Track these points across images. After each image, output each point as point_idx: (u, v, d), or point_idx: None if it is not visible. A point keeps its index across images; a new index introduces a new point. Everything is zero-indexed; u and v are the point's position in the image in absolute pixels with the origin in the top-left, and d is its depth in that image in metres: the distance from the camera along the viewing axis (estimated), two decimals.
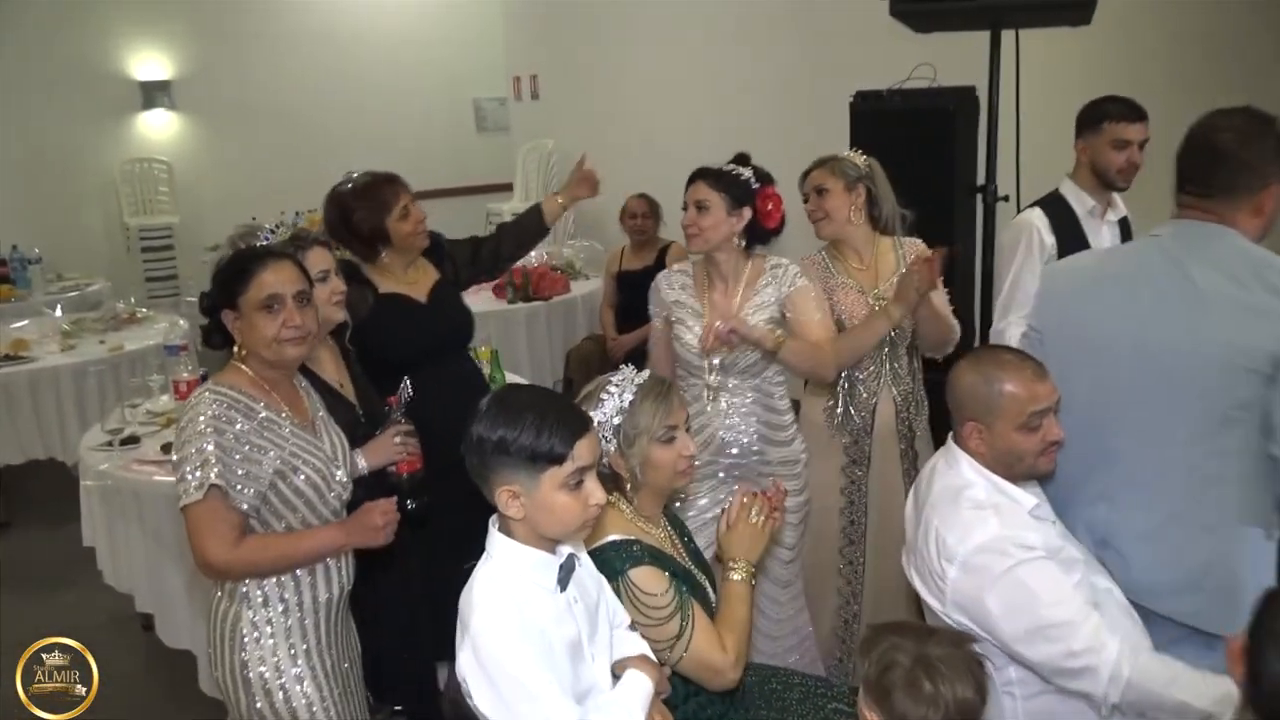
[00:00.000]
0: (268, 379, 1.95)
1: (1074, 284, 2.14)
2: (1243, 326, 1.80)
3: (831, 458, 2.83)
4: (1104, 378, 1.97)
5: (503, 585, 1.54)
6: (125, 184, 8.05)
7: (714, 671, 1.83)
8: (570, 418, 1.56)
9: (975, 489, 1.88)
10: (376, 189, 2.68)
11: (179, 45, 8.18)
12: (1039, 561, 1.78)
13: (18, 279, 5.88)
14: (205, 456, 1.79)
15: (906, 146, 3.36)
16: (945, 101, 3.35)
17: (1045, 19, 3.37)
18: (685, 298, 2.70)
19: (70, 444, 4.21)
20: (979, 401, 1.86)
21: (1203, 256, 1.88)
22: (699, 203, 2.59)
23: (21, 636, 2.07)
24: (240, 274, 1.91)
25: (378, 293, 2.70)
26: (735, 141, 5.63)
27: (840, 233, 2.80)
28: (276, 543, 1.88)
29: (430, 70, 8.87)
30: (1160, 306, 1.90)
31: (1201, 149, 1.92)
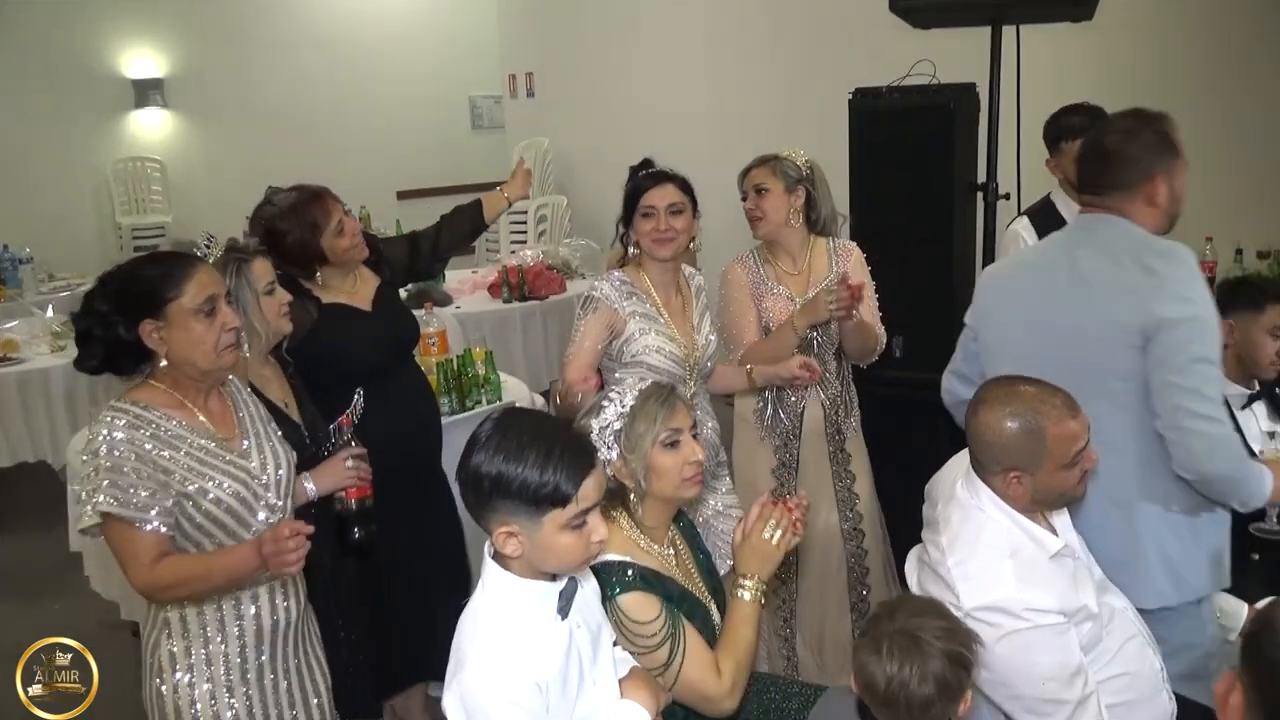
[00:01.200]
0: (187, 393, 1.81)
1: (996, 279, 2.29)
2: (1116, 302, 1.93)
3: (761, 458, 2.85)
4: (1018, 360, 2.06)
5: (500, 628, 1.47)
6: (118, 183, 8.01)
7: (706, 700, 1.77)
8: (576, 453, 1.46)
9: (997, 530, 1.80)
10: (305, 208, 2.49)
11: (172, 43, 8.14)
12: (1050, 630, 1.72)
13: (8, 278, 5.84)
14: (96, 482, 1.68)
15: (906, 144, 3.33)
16: (945, 99, 3.31)
17: (1046, 15, 3.34)
18: (642, 308, 2.58)
19: (60, 446, 4.17)
20: (1022, 451, 1.76)
21: (1090, 242, 2.03)
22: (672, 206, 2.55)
23: (12, 641, 2.03)
24: (169, 278, 1.75)
25: (320, 304, 2.55)
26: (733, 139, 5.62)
27: (776, 234, 2.80)
28: (190, 563, 1.75)
29: (425, 68, 8.83)
30: (1051, 289, 2.05)
31: (1094, 151, 2.07)
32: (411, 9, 8.87)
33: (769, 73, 5.51)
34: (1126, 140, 2.01)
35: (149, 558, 1.70)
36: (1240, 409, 2.45)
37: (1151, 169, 2.00)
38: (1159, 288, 1.90)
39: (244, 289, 2.14)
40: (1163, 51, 4.22)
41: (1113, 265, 1.97)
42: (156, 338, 1.75)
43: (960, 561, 1.79)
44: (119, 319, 1.75)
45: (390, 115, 8.59)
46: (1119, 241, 1.98)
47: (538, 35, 7.54)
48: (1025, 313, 2.11)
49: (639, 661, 1.72)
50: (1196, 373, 1.86)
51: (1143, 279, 1.92)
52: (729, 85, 5.76)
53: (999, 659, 1.70)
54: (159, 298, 1.75)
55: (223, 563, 1.76)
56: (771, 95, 5.45)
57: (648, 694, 1.63)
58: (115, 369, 1.80)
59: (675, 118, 6.07)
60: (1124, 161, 2.00)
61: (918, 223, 3.35)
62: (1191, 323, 1.88)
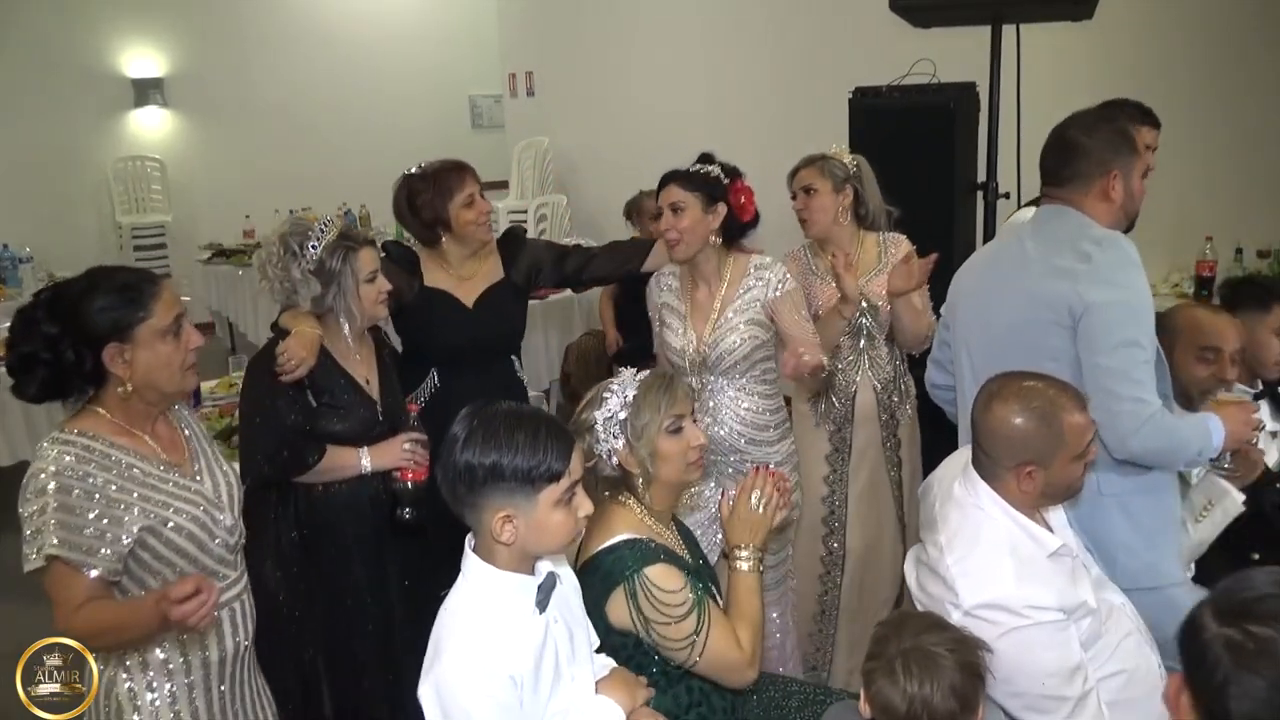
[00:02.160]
0: (134, 419, 1.70)
1: (964, 269, 2.38)
2: (1046, 281, 2.02)
3: (817, 447, 2.88)
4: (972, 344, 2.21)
5: (477, 621, 1.49)
6: (117, 182, 7.99)
7: (731, 669, 1.80)
8: (560, 431, 1.53)
9: (996, 528, 1.80)
10: (445, 174, 2.66)
11: (172, 42, 8.12)
12: (1050, 627, 1.72)
13: (8, 278, 5.83)
14: (43, 520, 1.57)
15: (906, 143, 3.33)
16: (945, 98, 3.32)
17: (1047, 13, 3.34)
18: (671, 299, 2.70)
19: None
20: (1040, 443, 1.76)
21: (1039, 231, 2.12)
22: (674, 205, 2.56)
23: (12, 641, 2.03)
24: (137, 298, 1.65)
25: (423, 283, 2.68)
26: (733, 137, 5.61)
27: (826, 232, 2.85)
28: (106, 614, 1.63)
29: (425, 67, 8.82)
30: (999, 275, 2.17)
31: (1055, 143, 2.11)
32: (411, 8, 8.86)
33: (769, 72, 5.50)
34: (1086, 134, 2.06)
35: (77, 602, 1.60)
36: None
37: (1108, 165, 2.04)
38: (1091, 272, 1.96)
39: (347, 275, 2.26)
40: (1163, 50, 4.21)
41: (1052, 251, 2.05)
42: (122, 362, 1.64)
43: (959, 559, 1.79)
44: (73, 342, 1.62)
45: (390, 114, 8.58)
46: (1063, 230, 2.06)
47: (538, 34, 7.53)
48: (978, 299, 2.22)
49: (666, 634, 1.74)
50: (1123, 355, 1.91)
51: (1076, 263, 1.99)
52: (729, 84, 5.75)
53: (999, 656, 1.70)
54: (127, 319, 1.64)
55: (132, 617, 1.63)
56: (771, 94, 5.45)
57: (623, 693, 1.64)
58: (58, 395, 1.67)
59: (675, 117, 6.06)
60: (1081, 154, 2.05)
61: (918, 222, 3.34)
62: (1120, 306, 1.94)
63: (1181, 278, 4.32)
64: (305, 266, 2.23)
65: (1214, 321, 2.25)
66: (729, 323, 2.58)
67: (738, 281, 2.62)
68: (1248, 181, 4.28)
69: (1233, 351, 2.23)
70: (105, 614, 1.63)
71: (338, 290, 2.26)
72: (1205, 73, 4.17)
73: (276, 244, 2.26)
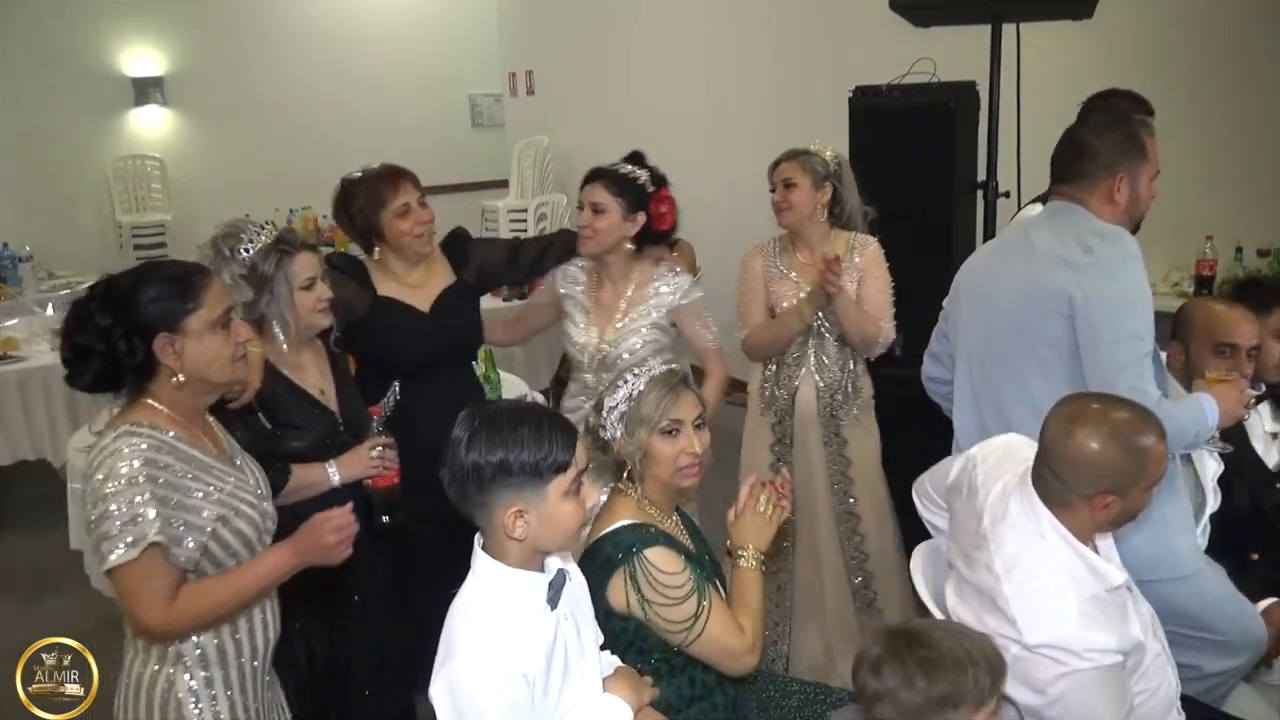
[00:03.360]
0: (185, 413, 1.70)
1: (968, 263, 2.42)
2: (1049, 271, 2.06)
3: (761, 436, 2.97)
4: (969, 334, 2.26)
5: (489, 618, 1.49)
6: (117, 181, 7.99)
7: (731, 655, 1.80)
8: (562, 422, 1.54)
9: (1059, 560, 1.72)
10: (378, 181, 2.54)
11: (172, 41, 8.12)
12: (1109, 670, 1.66)
13: (8, 277, 5.84)
14: (141, 510, 1.55)
15: (906, 142, 3.33)
16: (945, 97, 3.31)
17: (1047, 12, 3.34)
18: (575, 292, 2.75)
19: (60, 445, 4.17)
20: (1123, 473, 1.68)
21: (1046, 225, 2.16)
22: (595, 205, 2.61)
23: (12, 641, 2.03)
24: (189, 289, 1.66)
25: (374, 294, 2.57)
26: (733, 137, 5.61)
27: (800, 226, 2.88)
28: (220, 584, 1.64)
29: (425, 66, 8.81)
30: (1003, 266, 2.21)
31: (1066, 143, 2.16)
32: (411, 7, 8.86)
33: (769, 71, 5.50)
34: (1096, 136, 2.11)
35: (169, 591, 1.59)
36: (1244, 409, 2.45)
37: (1115, 167, 2.08)
38: (1093, 264, 2.01)
39: (280, 280, 2.15)
40: (1163, 49, 4.21)
41: (1058, 244, 2.09)
42: (172, 352, 1.65)
43: (1019, 591, 1.70)
44: (125, 333, 1.63)
45: (390, 113, 8.57)
46: (1069, 225, 2.10)
47: (538, 33, 7.53)
48: (981, 290, 2.26)
49: (666, 615, 1.74)
50: (1125, 347, 1.95)
51: (1080, 255, 2.03)
52: (729, 83, 5.75)
53: (1055, 695, 1.65)
54: (178, 310, 1.65)
55: (257, 573, 1.68)
56: (771, 93, 5.44)
57: (630, 691, 1.64)
58: (111, 386, 1.69)
59: (675, 115, 6.06)
60: (1089, 155, 2.09)
61: (918, 221, 3.34)
62: (1121, 298, 1.98)
63: (1181, 276, 4.31)
64: (236, 270, 2.12)
65: (1230, 316, 2.28)
66: (632, 325, 2.66)
67: (645, 285, 2.69)
68: (1248, 180, 4.27)
69: (1248, 347, 2.26)
70: (212, 586, 1.64)
71: (271, 296, 2.14)
72: (1205, 71, 4.16)
73: (209, 247, 2.16)
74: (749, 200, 5.58)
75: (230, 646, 1.73)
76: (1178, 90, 3.44)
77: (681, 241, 4.72)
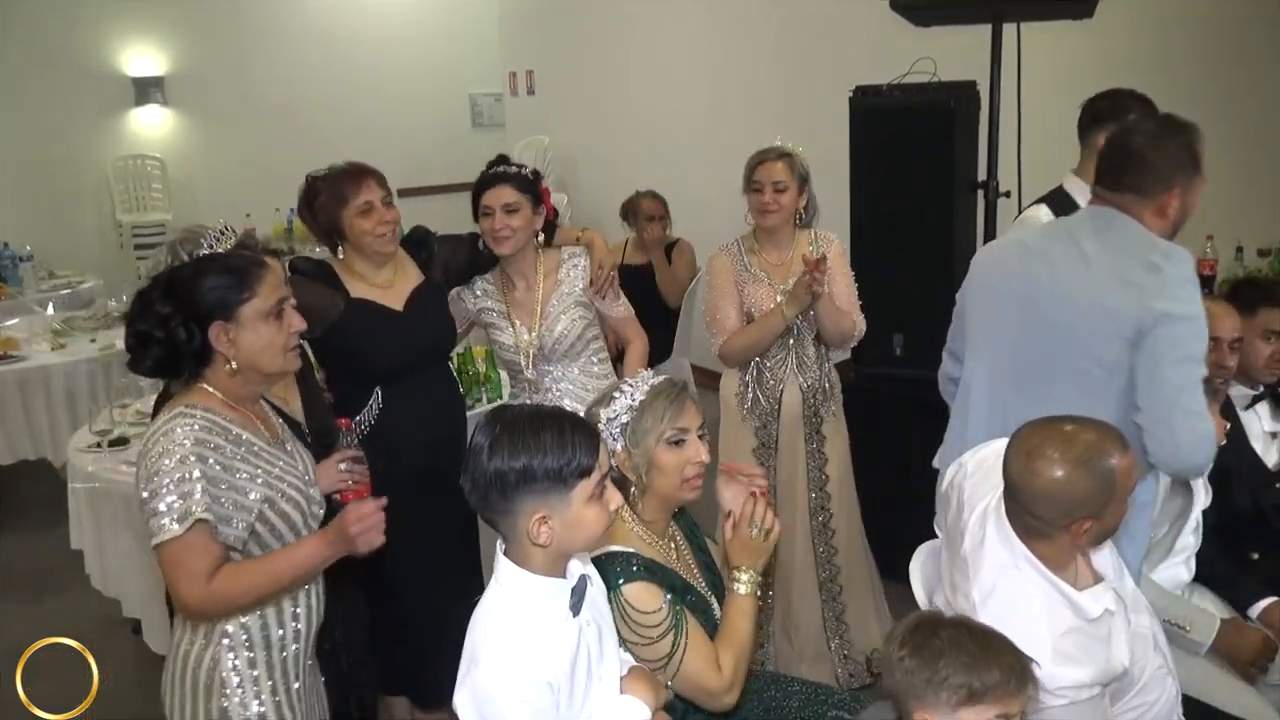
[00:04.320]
0: (239, 399, 1.76)
1: (989, 254, 2.33)
2: (1115, 293, 1.96)
3: (742, 439, 2.96)
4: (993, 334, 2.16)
5: (513, 626, 1.48)
6: (118, 181, 7.99)
7: (707, 694, 1.77)
8: (585, 426, 1.53)
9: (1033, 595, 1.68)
10: (341, 178, 2.50)
11: (172, 41, 8.12)
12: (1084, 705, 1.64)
13: (9, 277, 5.83)
14: (189, 486, 1.60)
15: (906, 142, 3.33)
16: (946, 97, 3.31)
17: (1047, 12, 3.34)
18: (488, 302, 2.77)
19: (61, 444, 4.17)
20: (1095, 498, 1.66)
21: (1097, 234, 2.05)
22: (507, 206, 2.62)
23: (12, 641, 2.03)
24: (243, 279, 1.72)
25: (348, 298, 2.51)
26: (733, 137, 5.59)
27: (782, 228, 2.90)
28: (256, 568, 1.68)
29: (426, 66, 8.81)
30: (1047, 271, 2.08)
31: (1118, 149, 2.06)
32: (412, 7, 8.86)
33: (769, 71, 5.50)
34: (1152, 146, 2.01)
35: (211, 569, 1.63)
36: (1244, 409, 2.45)
37: (1172, 181, 2.00)
38: (1161, 285, 1.93)
39: None
40: (1164, 48, 4.20)
41: (1116, 259, 1.99)
42: (226, 340, 1.70)
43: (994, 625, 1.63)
44: (184, 321, 1.69)
45: (390, 113, 8.57)
46: (1125, 237, 2.01)
47: (538, 33, 7.53)
48: (1012, 289, 2.13)
49: (641, 654, 1.72)
50: (1185, 370, 1.91)
51: (1145, 275, 1.94)
52: (729, 83, 5.75)
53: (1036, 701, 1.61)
54: (233, 298, 1.70)
55: (291, 561, 1.71)
56: (772, 93, 5.44)
57: (647, 690, 1.63)
58: (171, 372, 1.75)
59: (676, 115, 6.06)
60: (1148, 167, 2.00)
61: (918, 220, 3.34)
62: (1189, 321, 1.93)
63: None
64: None
65: (1211, 310, 2.26)
66: (555, 311, 2.69)
67: (554, 272, 2.74)
68: (1248, 180, 4.27)
69: (1230, 340, 2.25)
70: (251, 568, 1.68)
71: None
72: (1206, 71, 4.16)
73: (165, 253, 2.10)
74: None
75: (275, 629, 1.77)
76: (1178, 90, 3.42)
77: (681, 241, 4.73)
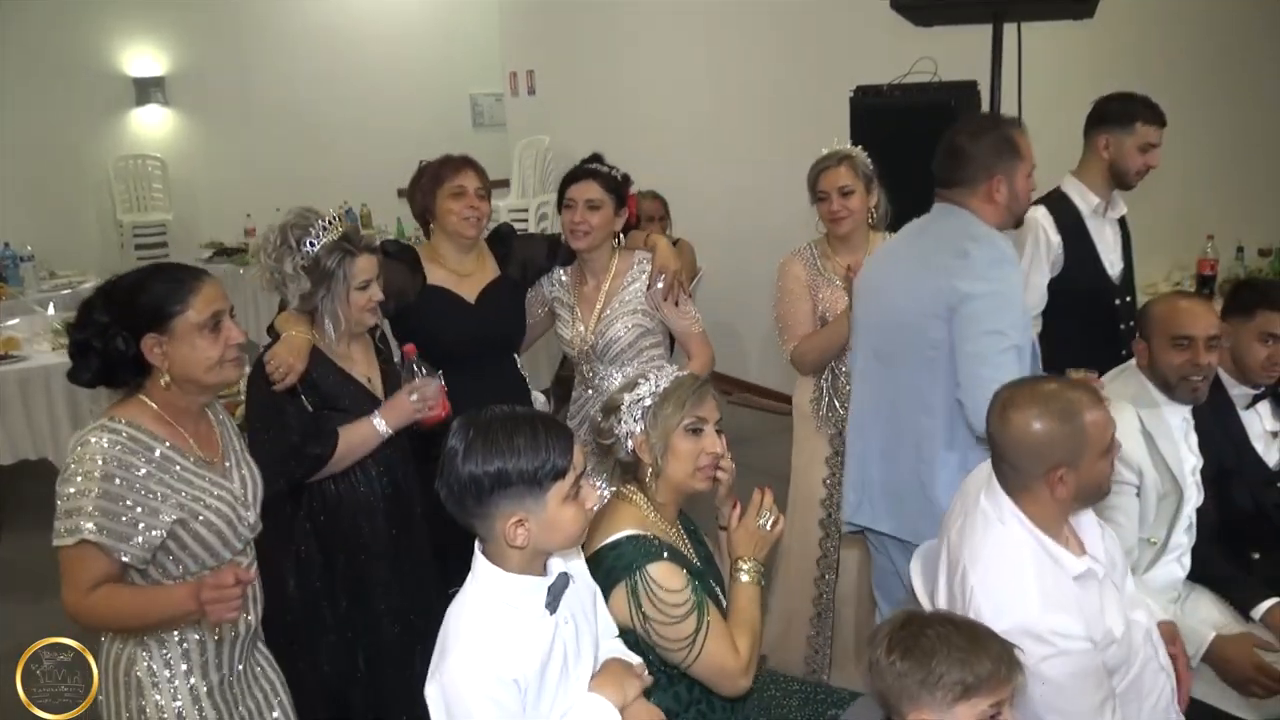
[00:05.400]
0: (176, 413, 1.76)
1: (869, 261, 2.55)
2: (932, 279, 2.18)
3: (816, 447, 2.92)
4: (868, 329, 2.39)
5: (485, 622, 1.49)
6: (119, 181, 8.00)
7: (726, 675, 1.79)
8: (557, 426, 1.52)
9: (1020, 547, 1.75)
10: (444, 164, 2.70)
11: (173, 41, 8.13)
12: (1080, 656, 1.67)
13: (10, 276, 5.83)
14: (83, 504, 1.62)
15: (907, 142, 3.30)
16: (946, 96, 3.30)
17: (1048, 12, 3.33)
18: (561, 294, 2.84)
19: (61, 444, 4.17)
20: (1064, 445, 1.71)
21: (929, 229, 2.31)
22: (590, 202, 2.68)
23: (12, 641, 2.03)
24: (175, 291, 1.72)
25: (425, 282, 2.66)
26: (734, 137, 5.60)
27: (856, 231, 2.87)
28: (128, 599, 1.69)
29: (426, 66, 8.83)
30: (895, 268, 2.35)
31: (946, 148, 2.27)
32: (413, 7, 8.87)
33: (769, 71, 5.50)
34: (971, 141, 2.22)
35: (92, 584, 1.65)
36: (1244, 409, 2.45)
37: (992, 169, 2.19)
38: (966, 268, 2.13)
39: (339, 279, 2.22)
40: (1165, 48, 4.20)
41: (936, 248, 2.22)
42: (159, 352, 1.71)
43: (982, 579, 1.73)
44: (120, 332, 1.69)
45: (391, 113, 8.58)
46: (948, 229, 2.23)
47: (539, 33, 7.53)
48: (875, 286, 2.39)
49: (665, 634, 1.74)
50: (985, 342, 2.07)
51: (954, 260, 2.15)
52: (730, 83, 5.75)
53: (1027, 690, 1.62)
54: (164, 311, 1.70)
55: (159, 604, 1.71)
56: (772, 93, 5.44)
57: (614, 688, 1.60)
58: (110, 382, 1.75)
59: (676, 115, 6.06)
60: (969, 159, 2.21)
61: None
62: (990, 298, 2.10)
63: (1183, 276, 4.31)
64: (299, 262, 2.19)
65: (1185, 308, 2.29)
66: (614, 313, 2.74)
67: (622, 275, 2.77)
68: (1249, 180, 4.27)
69: (1205, 337, 2.24)
70: (126, 597, 1.69)
71: (326, 292, 2.22)
72: (1207, 71, 4.16)
73: (276, 233, 2.23)
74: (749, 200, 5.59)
75: (191, 633, 1.78)
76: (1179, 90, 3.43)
77: (681, 241, 4.72)
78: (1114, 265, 2.97)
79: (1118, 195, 3.02)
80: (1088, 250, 2.90)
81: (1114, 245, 2.99)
